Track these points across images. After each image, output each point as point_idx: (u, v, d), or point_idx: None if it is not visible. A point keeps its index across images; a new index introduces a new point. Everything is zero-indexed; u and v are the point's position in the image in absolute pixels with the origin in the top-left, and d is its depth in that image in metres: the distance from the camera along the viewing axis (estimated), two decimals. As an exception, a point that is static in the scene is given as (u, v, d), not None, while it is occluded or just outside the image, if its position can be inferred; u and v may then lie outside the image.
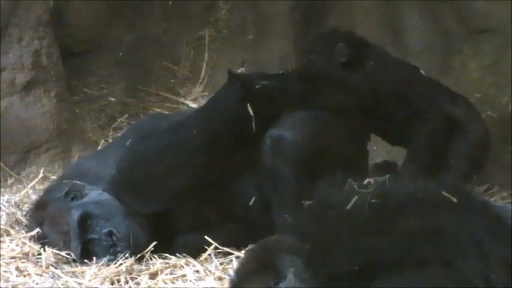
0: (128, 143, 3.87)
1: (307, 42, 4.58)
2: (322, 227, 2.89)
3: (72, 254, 3.60)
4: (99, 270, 3.45)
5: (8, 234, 3.84)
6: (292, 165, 3.64)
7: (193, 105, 5.69)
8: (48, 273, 3.43)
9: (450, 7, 5.51)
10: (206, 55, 5.99)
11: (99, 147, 5.04)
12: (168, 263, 3.57)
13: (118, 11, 5.98)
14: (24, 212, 4.11)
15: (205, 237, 3.66)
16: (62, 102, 5.10)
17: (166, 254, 3.67)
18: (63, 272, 3.44)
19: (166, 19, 6.05)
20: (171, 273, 3.48)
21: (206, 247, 3.65)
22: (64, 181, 3.89)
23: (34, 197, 4.20)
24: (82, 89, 5.80)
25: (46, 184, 4.41)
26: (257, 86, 3.79)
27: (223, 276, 3.42)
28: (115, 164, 3.84)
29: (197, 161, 3.73)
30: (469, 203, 2.96)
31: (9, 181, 4.75)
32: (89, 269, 3.46)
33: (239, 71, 3.87)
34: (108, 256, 3.55)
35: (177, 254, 3.68)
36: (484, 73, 5.32)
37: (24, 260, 3.54)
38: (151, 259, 3.61)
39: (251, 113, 3.70)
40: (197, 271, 3.49)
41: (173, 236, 3.78)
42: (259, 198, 3.73)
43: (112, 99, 5.79)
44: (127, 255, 3.52)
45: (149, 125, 4.02)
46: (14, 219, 4.05)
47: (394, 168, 4.12)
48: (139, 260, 3.56)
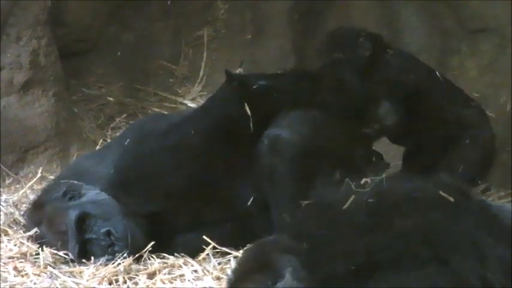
0: (126, 143, 3.87)
1: (325, 40, 4.52)
2: (319, 227, 2.90)
3: (70, 254, 3.59)
4: (97, 270, 3.44)
5: (6, 234, 3.82)
6: (290, 165, 3.64)
7: (192, 104, 5.68)
8: (46, 273, 3.42)
9: (448, 7, 5.51)
10: (205, 55, 5.97)
11: (97, 147, 5.01)
12: (166, 263, 3.57)
13: (116, 11, 5.97)
14: (22, 212, 4.10)
15: (203, 237, 3.65)
16: (60, 101, 5.07)
17: (164, 254, 3.66)
18: (61, 272, 3.43)
19: (164, 19, 6.04)
20: (169, 273, 3.47)
21: (204, 247, 3.65)
22: (62, 181, 3.88)
23: (32, 197, 4.19)
24: (80, 89, 5.79)
25: (44, 184, 4.39)
26: (255, 86, 3.79)
27: (221, 276, 3.41)
28: (113, 164, 3.84)
29: (195, 161, 3.73)
30: (467, 203, 2.98)
31: (7, 181, 4.73)
32: (87, 269, 3.45)
33: (237, 71, 3.86)
34: (106, 256, 3.53)
35: (175, 254, 3.67)
36: (482, 72, 5.33)
37: (22, 260, 3.53)
38: (149, 259, 3.60)
39: (249, 113, 3.70)
40: (195, 271, 3.48)
41: (171, 236, 3.77)
42: (257, 198, 3.73)
43: (110, 98, 5.78)
44: (125, 255, 3.51)
45: (147, 125, 4.02)
46: (12, 219, 4.03)
47: (387, 167, 4.11)
48: (137, 260, 3.55)
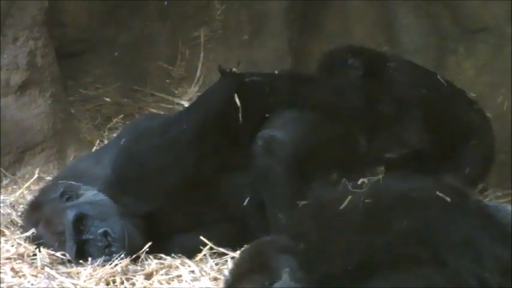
0: (122, 143, 3.87)
1: (317, 67, 4.50)
2: (316, 227, 2.90)
3: (67, 255, 3.59)
4: (94, 270, 3.44)
5: (3, 234, 3.83)
6: (285, 165, 3.63)
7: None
8: (43, 274, 3.42)
9: (445, 7, 5.51)
10: (202, 55, 5.96)
11: (94, 147, 5.01)
12: (164, 264, 3.57)
13: (113, 11, 5.96)
14: (19, 213, 4.10)
15: (200, 237, 3.66)
16: (57, 102, 5.06)
17: (161, 255, 3.67)
18: (58, 273, 3.43)
19: (161, 19, 6.03)
20: (167, 273, 3.48)
21: (201, 247, 3.65)
22: (59, 182, 3.88)
23: (29, 198, 4.19)
24: (77, 90, 5.78)
25: (41, 185, 4.38)
26: (247, 79, 3.78)
27: (218, 276, 3.42)
28: (110, 165, 3.83)
29: (190, 159, 3.73)
30: (464, 203, 2.98)
31: (4, 182, 4.72)
32: (84, 270, 3.45)
33: (232, 69, 3.89)
34: (103, 257, 3.53)
35: (173, 255, 3.67)
36: (479, 72, 5.32)
37: (19, 261, 3.53)
38: (146, 259, 3.60)
39: (238, 104, 3.69)
40: (192, 271, 3.49)
41: (168, 237, 3.77)
42: (253, 198, 3.72)
43: (107, 99, 5.76)
44: (122, 255, 3.51)
45: (143, 125, 4.02)
46: (9, 219, 4.03)
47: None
48: (134, 261, 3.55)
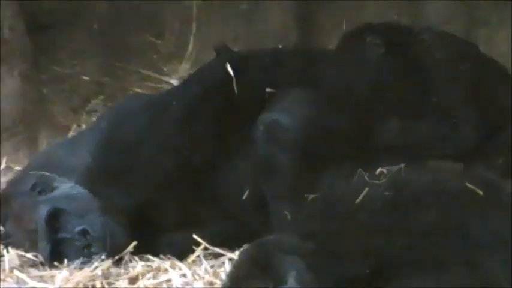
0: (103, 127, 3.88)
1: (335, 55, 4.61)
2: (327, 224, 2.92)
3: (39, 256, 3.60)
4: (71, 274, 3.43)
5: (-34, 233, 3.85)
6: (290, 153, 3.61)
7: (179, 84, 5.70)
8: (12, 277, 3.43)
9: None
10: (194, 27, 5.99)
11: (70, 133, 5.04)
12: (151, 266, 3.57)
13: (92, -23, 5.98)
14: (-16, 208, 4.11)
15: (193, 235, 3.65)
16: (28, 81, 5.08)
17: (148, 256, 3.67)
18: (29, 277, 3.43)
19: (147, -15, 6.05)
20: (154, 277, 3.47)
21: (194, 247, 3.65)
22: (30, 172, 3.89)
23: (-4, 191, 4.21)
24: (51, 67, 5.80)
25: (9, 176, 4.40)
26: (246, 56, 3.80)
27: (214, 280, 3.41)
28: (89, 153, 3.84)
29: (180, 145, 3.73)
30: (497, 196, 2.97)
31: (-34, 172, 4.75)
32: (59, 273, 3.45)
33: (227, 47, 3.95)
34: (81, 258, 3.53)
35: (161, 256, 3.68)
36: (514, 45, 5.35)
37: (-16, 264, 3.56)
38: (131, 261, 3.60)
39: (231, 73, 3.69)
40: (184, 275, 3.48)
41: (156, 235, 3.77)
42: (254, 191, 3.71)
43: (85, 77, 5.79)
44: (103, 256, 3.52)
45: (127, 107, 4.03)
46: (-27, 216, 4.05)
47: None
48: (117, 263, 3.56)
